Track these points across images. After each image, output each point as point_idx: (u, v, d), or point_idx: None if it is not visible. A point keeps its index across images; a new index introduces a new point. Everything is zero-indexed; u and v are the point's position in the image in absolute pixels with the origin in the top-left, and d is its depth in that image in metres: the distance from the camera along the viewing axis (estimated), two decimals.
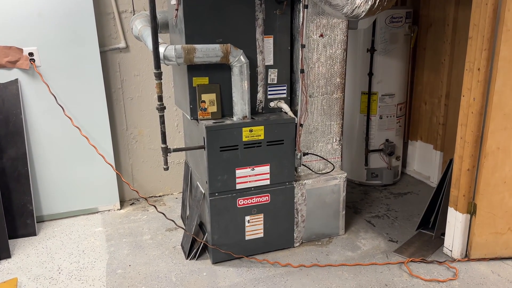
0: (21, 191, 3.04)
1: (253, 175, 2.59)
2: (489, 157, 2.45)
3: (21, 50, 2.97)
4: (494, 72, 2.32)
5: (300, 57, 2.50)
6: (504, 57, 2.29)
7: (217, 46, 2.38)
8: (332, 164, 2.88)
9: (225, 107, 2.56)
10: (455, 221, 2.64)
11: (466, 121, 2.47)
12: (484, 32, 2.28)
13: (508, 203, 2.53)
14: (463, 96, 2.47)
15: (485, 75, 2.35)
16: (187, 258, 2.73)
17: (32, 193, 3.08)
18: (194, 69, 2.45)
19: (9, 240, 2.89)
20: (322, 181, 2.81)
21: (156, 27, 2.19)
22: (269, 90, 2.64)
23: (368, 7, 2.24)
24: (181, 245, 2.89)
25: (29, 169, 3.06)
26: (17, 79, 3.01)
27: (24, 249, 2.89)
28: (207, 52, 2.36)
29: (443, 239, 2.77)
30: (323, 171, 2.87)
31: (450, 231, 2.69)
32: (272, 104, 2.67)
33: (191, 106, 2.52)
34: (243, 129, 2.48)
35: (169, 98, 3.45)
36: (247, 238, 2.69)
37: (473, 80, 2.39)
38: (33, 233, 3.06)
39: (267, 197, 2.66)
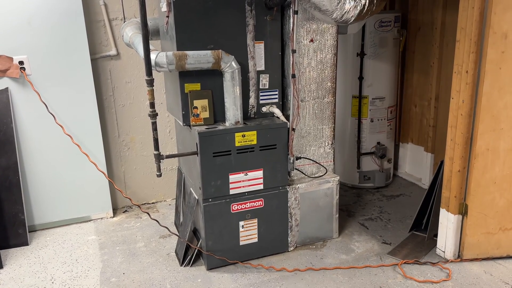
0: (12, 201, 3.01)
1: (246, 180, 2.59)
2: (479, 158, 2.48)
3: (11, 59, 2.95)
4: (482, 74, 2.36)
5: (291, 62, 2.52)
6: (491, 60, 2.33)
7: (208, 52, 2.39)
8: (325, 168, 2.89)
9: (218, 112, 2.57)
10: (447, 222, 2.67)
11: (456, 123, 2.50)
12: (471, 35, 2.32)
13: (499, 203, 2.57)
14: (452, 98, 2.50)
15: (473, 77, 2.39)
16: (181, 265, 2.72)
17: (24, 202, 3.05)
18: (186, 75, 2.46)
19: (0, 251, 2.86)
20: (315, 185, 2.82)
21: (147, 34, 2.19)
22: (261, 95, 2.66)
23: (357, 12, 2.27)
24: (175, 252, 2.88)
25: (20, 178, 3.04)
26: (7, 88, 2.99)
27: (16, 259, 2.86)
28: (199, 58, 2.36)
29: (436, 240, 2.79)
30: (316, 175, 2.89)
31: (443, 232, 2.72)
32: (264, 109, 2.68)
33: (183, 112, 2.52)
34: (236, 134, 2.49)
35: (161, 105, 3.45)
36: (241, 243, 2.68)
37: (461, 82, 2.43)
38: (25, 243, 3.03)
39: (261, 202, 2.66)
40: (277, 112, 2.66)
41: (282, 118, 2.64)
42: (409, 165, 4.11)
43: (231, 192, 2.57)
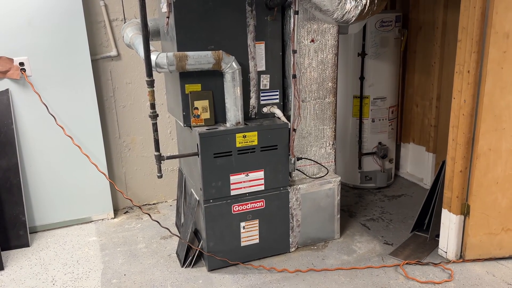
0: (13, 202, 3.01)
1: (247, 181, 2.58)
2: (481, 158, 2.47)
3: (11, 60, 2.95)
4: (483, 74, 2.35)
5: (292, 62, 2.51)
6: (493, 59, 2.31)
7: (209, 53, 2.38)
8: (326, 168, 2.88)
9: (218, 113, 2.56)
10: (449, 223, 2.66)
11: (458, 123, 2.49)
12: (473, 35, 2.31)
13: (501, 204, 2.55)
14: (454, 98, 2.49)
15: (475, 77, 2.38)
16: (182, 266, 2.71)
17: (25, 203, 3.05)
18: (186, 76, 2.45)
19: (1, 252, 2.86)
20: (317, 185, 2.81)
21: (148, 35, 2.19)
22: (262, 96, 2.65)
23: (358, 12, 2.26)
24: (176, 253, 2.87)
25: (21, 180, 3.03)
26: (7, 89, 2.99)
27: (17, 261, 2.86)
28: (199, 59, 2.36)
29: (438, 241, 2.78)
30: (317, 175, 2.88)
31: (445, 232, 2.71)
32: (265, 109, 2.67)
33: (184, 113, 2.52)
34: (237, 135, 2.48)
35: (162, 106, 3.45)
36: (242, 244, 2.68)
37: (463, 82, 2.42)
38: (26, 244, 3.03)
39: (262, 203, 2.65)
40: (278, 112, 2.65)
41: (283, 118, 2.63)
42: (410, 165, 4.10)
43: (232, 193, 2.57)
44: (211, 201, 2.54)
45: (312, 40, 2.64)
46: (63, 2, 2.97)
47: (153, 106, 2.29)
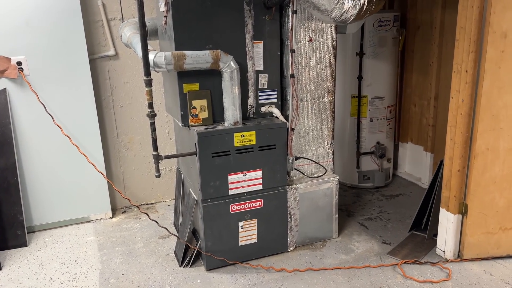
0: (11, 202, 3.00)
1: (245, 180, 2.58)
2: (478, 158, 2.47)
3: (9, 59, 2.94)
4: (481, 73, 2.35)
5: (290, 62, 2.51)
6: (491, 59, 2.32)
7: (207, 52, 2.38)
8: (324, 168, 2.89)
9: (216, 113, 2.56)
10: (447, 222, 2.66)
11: (455, 123, 2.49)
12: (471, 34, 2.32)
13: (499, 203, 2.56)
14: (452, 97, 2.49)
15: (473, 76, 2.38)
16: (180, 266, 2.71)
17: (23, 203, 3.04)
18: (184, 75, 2.45)
19: None
20: (315, 185, 2.82)
21: (145, 34, 2.18)
22: (260, 95, 2.65)
23: (356, 11, 2.26)
24: (175, 252, 2.87)
25: (19, 179, 3.03)
26: (5, 89, 2.98)
27: (15, 261, 2.85)
28: (197, 58, 2.36)
29: (436, 240, 2.79)
30: (315, 175, 2.88)
31: (442, 232, 2.71)
32: (263, 109, 2.67)
33: (182, 113, 2.51)
34: (235, 134, 2.48)
35: (160, 105, 3.44)
36: (240, 244, 2.68)
37: (461, 82, 2.42)
38: (24, 244, 3.02)
39: (260, 202, 2.65)
40: (276, 112, 2.65)
41: (281, 118, 2.63)
42: (408, 164, 4.10)
43: (230, 192, 2.57)
44: (209, 200, 2.54)
45: (310, 40, 2.64)
46: (61, 1, 2.97)
47: (151, 105, 2.29)
